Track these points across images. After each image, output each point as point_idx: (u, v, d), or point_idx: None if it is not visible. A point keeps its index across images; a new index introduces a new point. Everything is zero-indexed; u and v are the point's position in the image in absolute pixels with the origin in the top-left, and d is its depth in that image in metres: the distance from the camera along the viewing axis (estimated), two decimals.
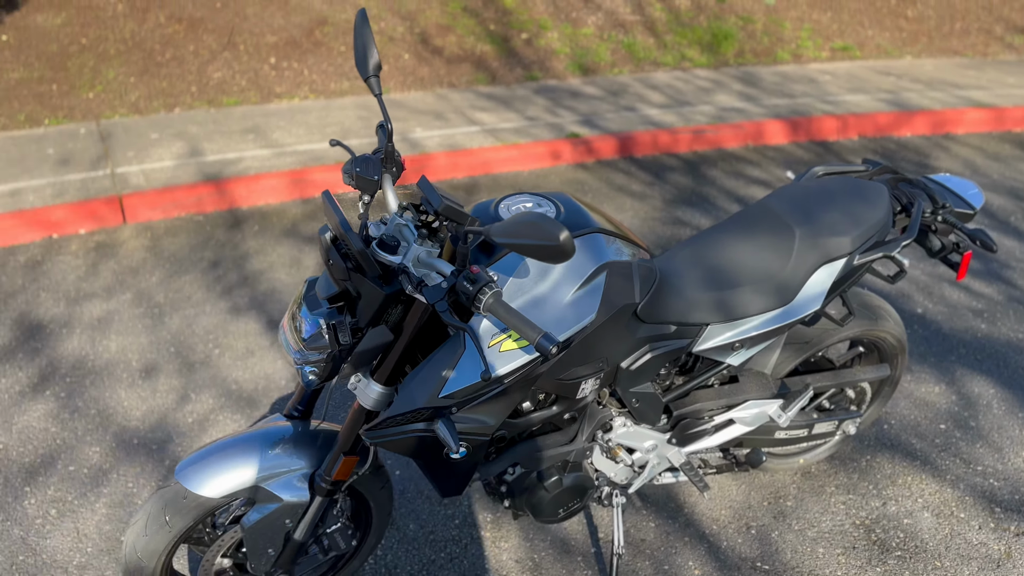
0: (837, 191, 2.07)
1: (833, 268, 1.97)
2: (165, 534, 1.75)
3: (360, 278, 1.51)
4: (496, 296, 1.38)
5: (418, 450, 1.68)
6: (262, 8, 7.84)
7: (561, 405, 1.84)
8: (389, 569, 2.27)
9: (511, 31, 7.95)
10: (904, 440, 2.71)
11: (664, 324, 1.85)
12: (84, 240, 4.31)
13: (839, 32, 8.18)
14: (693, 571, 2.24)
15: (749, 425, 2.12)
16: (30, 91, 6.54)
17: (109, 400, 2.95)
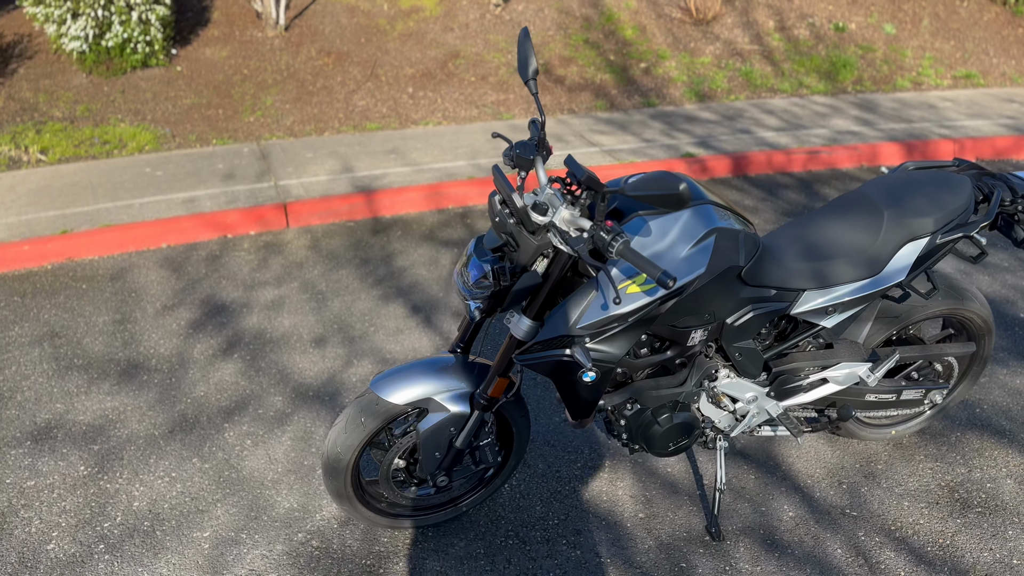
0: (924, 181, 2.35)
1: (917, 245, 2.25)
2: (360, 432, 2.21)
3: (520, 231, 1.93)
4: (625, 243, 1.76)
5: (557, 372, 2.08)
6: (401, 43, 8.56)
7: (674, 351, 2.19)
8: (523, 494, 2.65)
9: (630, 61, 8.36)
10: (995, 421, 2.89)
11: (765, 288, 2.18)
12: (254, 239, 4.96)
13: (962, 60, 8.18)
14: (787, 513, 2.51)
15: (840, 384, 2.41)
16: (200, 115, 7.41)
17: (286, 363, 3.48)
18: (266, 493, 2.72)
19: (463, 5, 9.05)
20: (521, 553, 2.44)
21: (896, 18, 8.71)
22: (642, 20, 8.89)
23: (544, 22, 8.84)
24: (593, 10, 9.02)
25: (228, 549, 2.49)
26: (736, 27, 8.72)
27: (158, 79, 7.79)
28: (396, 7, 9.01)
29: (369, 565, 2.42)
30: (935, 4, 8.83)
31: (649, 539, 2.47)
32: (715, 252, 2.02)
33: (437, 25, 8.78)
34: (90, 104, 7.47)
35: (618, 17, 8.92)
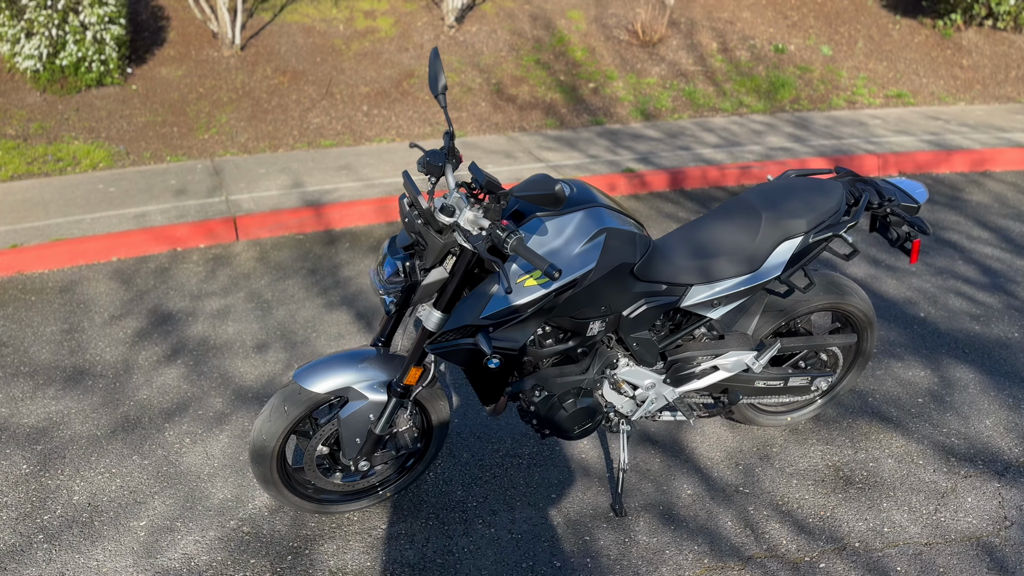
0: (800, 186, 2.59)
1: (792, 244, 2.50)
2: (283, 420, 2.38)
3: (427, 230, 2.13)
4: (519, 240, 1.97)
5: (465, 360, 2.27)
6: (357, 63, 8.76)
7: (575, 341, 2.40)
8: (445, 480, 2.83)
9: (579, 81, 8.64)
10: (884, 409, 3.14)
11: (657, 283, 2.40)
12: (204, 252, 5.09)
13: (894, 80, 8.58)
14: (687, 491, 2.72)
15: (730, 371, 2.63)
16: (155, 133, 7.53)
17: (228, 367, 3.63)
18: (202, 486, 2.86)
19: (418, 26, 9.28)
20: (440, 533, 2.61)
21: (833, 40, 9.10)
22: (591, 42, 9.18)
23: (497, 43, 9.10)
24: (544, 32, 9.31)
25: (163, 536, 2.63)
26: (681, 49, 9.05)
27: (113, 97, 7.89)
28: (352, 27, 9.22)
29: (296, 547, 2.58)
30: (869, 27, 9.25)
31: (559, 516, 2.66)
32: (605, 249, 2.23)
33: (392, 45, 9.00)
34: (44, 122, 7.55)
35: (568, 39, 9.21)
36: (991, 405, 3.15)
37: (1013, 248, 4.64)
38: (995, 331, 3.71)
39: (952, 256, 4.57)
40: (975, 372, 3.38)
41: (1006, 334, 3.68)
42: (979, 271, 4.35)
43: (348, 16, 9.38)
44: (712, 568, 2.44)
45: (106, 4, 7.47)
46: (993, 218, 5.16)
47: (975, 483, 2.72)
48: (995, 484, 2.71)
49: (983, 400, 3.18)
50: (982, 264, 4.44)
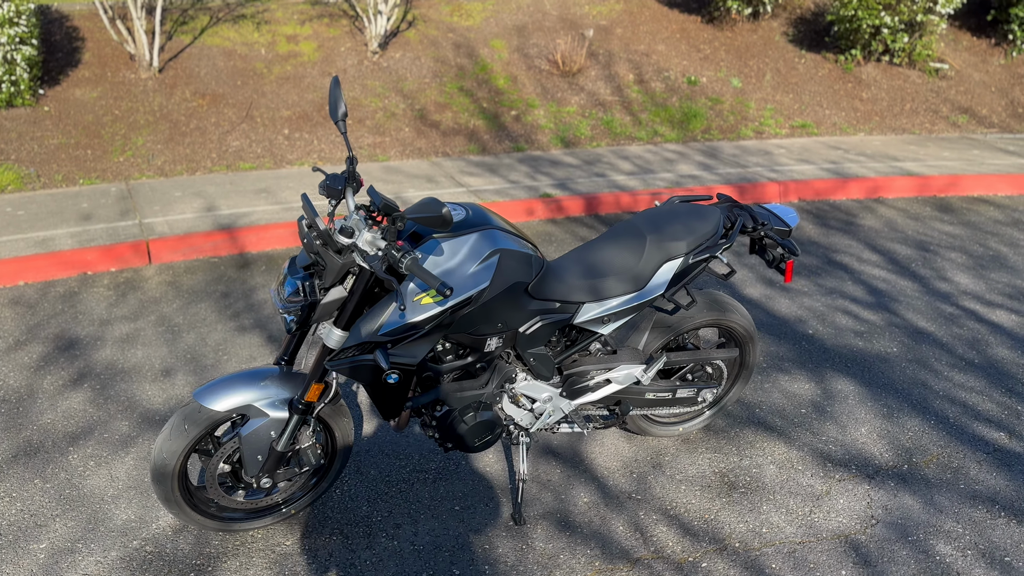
0: (681, 211, 2.79)
1: (674, 264, 2.68)
2: (183, 439, 2.41)
3: (326, 251, 2.22)
4: (413, 260, 2.08)
5: (364, 376, 2.35)
6: (278, 86, 8.77)
7: (473, 356, 2.51)
8: (351, 497, 2.90)
9: (502, 108, 8.84)
10: (769, 419, 3.35)
11: (550, 301, 2.54)
12: (114, 276, 5.04)
13: (799, 111, 9.04)
14: (583, 499, 2.85)
15: (621, 384, 2.79)
16: (67, 155, 7.40)
17: (135, 391, 3.61)
18: (105, 507, 2.85)
19: (341, 51, 9.36)
20: (343, 547, 2.67)
21: (742, 73, 9.54)
22: (513, 71, 9.41)
23: (420, 69, 9.23)
24: (467, 60, 9.50)
25: (63, 557, 2.62)
26: (599, 79, 9.36)
27: (24, 119, 7.72)
28: (274, 51, 9.23)
29: (199, 565, 2.60)
30: (777, 60, 9.73)
31: (461, 527, 2.75)
32: (499, 269, 2.35)
33: (315, 70, 9.04)
34: None
35: (491, 67, 9.41)
36: (867, 414, 3.38)
37: (898, 270, 4.96)
38: (876, 346, 3.98)
39: (842, 277, 4.86)
40: (855, 384, 3.62)
41: (886, 349, 3.95)
42: (866, 291, 4.64)
43: (270, 40, 9.40)
44: (602, 570, 2.57)
45: (17, 24, 7.34)
46: (882, 242, 5.50)
47: (848, 486, 2.92)
48: (865, 487, 2.92)
49: (860, 410, 3.41)
50: (869, 284, 4.74)
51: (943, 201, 6.53)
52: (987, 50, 10.03)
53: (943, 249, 5.34)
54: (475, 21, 10.21)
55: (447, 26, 10.01)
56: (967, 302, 4.49)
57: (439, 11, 10.34)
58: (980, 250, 5.33)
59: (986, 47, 10.07)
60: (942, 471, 3.01)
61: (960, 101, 9.32)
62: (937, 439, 3.21)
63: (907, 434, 3.25)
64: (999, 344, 4.00)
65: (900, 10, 8.77)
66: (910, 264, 5.06)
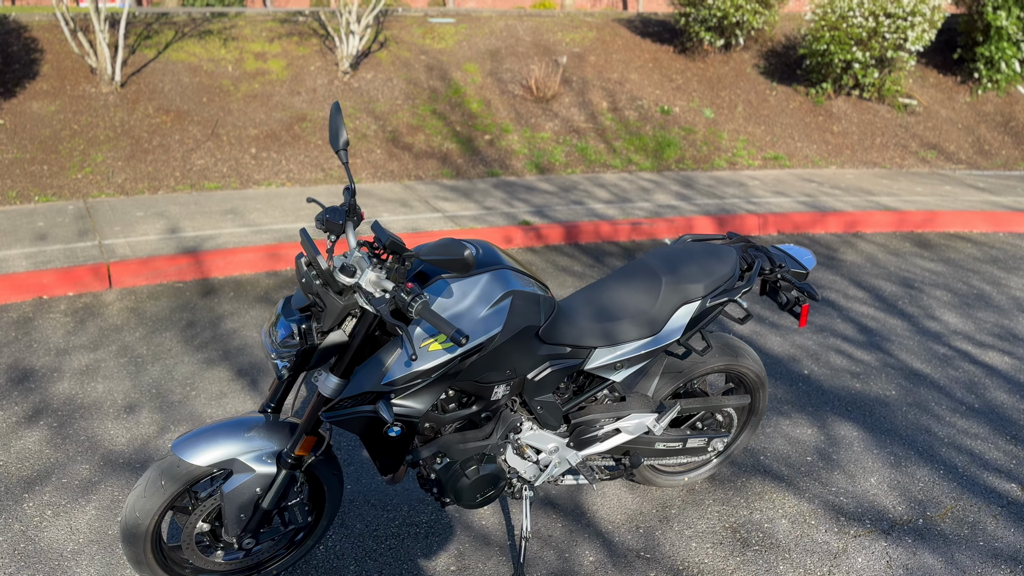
0: (696, 251, 2.64)
1: (691, 308, 2.52)
2: (160, 496, 2.16)
3: (326, 291, 2.01)
4: (424, 303, 1.89)
5: (363, 428, 2.14)
6: (246, 104, 8.51)
7: (479, 405, 2.32)
8: (337, 555, 2.66)
9: (475, 132, 8.69)
10: (775, 468, 3.20)
11: (561, 345, 2.36)
12: (72, 301, 4.73)
13: (771, 143, 9.06)
14: (588, 558, 2.66)
15: (631, 433, 2.62)
16: (23, 171, 7.04)
17: (97, 430, 3.34)
18: (65, 564, 2.58)
19: (311, 71, 9.14)
20: None
21: (715, 104, 9.55)
22: (487, 95, 9.29)
23: (392, 91, 9.06)
24: (440, 82, 9.35)
25: None
26: (573, 106, 9.28)
27: None
28: (241, 69, 8.98)
29: None
30: (748, 92, 9.77)
31: None
32: (511, 313, 2.17)
33: (284, 88, 8.81)
34: None
35: (464, 91, 9.28)
36: (874, 463, 3.25)
37: (886, 307, 4.90)
38: (874, 388, 3.87)
39: (831, 314, 4.78)
40: (858, 430, 3.50)
41: (884, 391, 3.85)
42: (856, 329, 4.56)
43: (238, 57, 9.15)
44: None
45: None
46: (867, 278, 5.45)
47: (864, 543, 2.78)
48: (882, 543, 2.79)
49: (867, 458, 3.29)
50: (859, 323, 4.66)
51: (921, 237, 6.54)
52: (953, 87, 10.21)
53: (927, 287, 5.30)
54: (448, 44, 10.09)
55: (419, 48, 9.87)
56: (959, 343, 4.43)
57: (411, 33, 10.19)
58: (964, 288, 5.30)
59: (952, 84, 10.24)
60: (958, 526, 2.89)
61: (928, 137, 9.44)
62: (948, 491, 3.10)
63: (918, 484, 3.13)
64: (997, 388, 3.93)
65: (871, 46, 8.87)
66: (896, 301, 5.00)
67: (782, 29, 10.80)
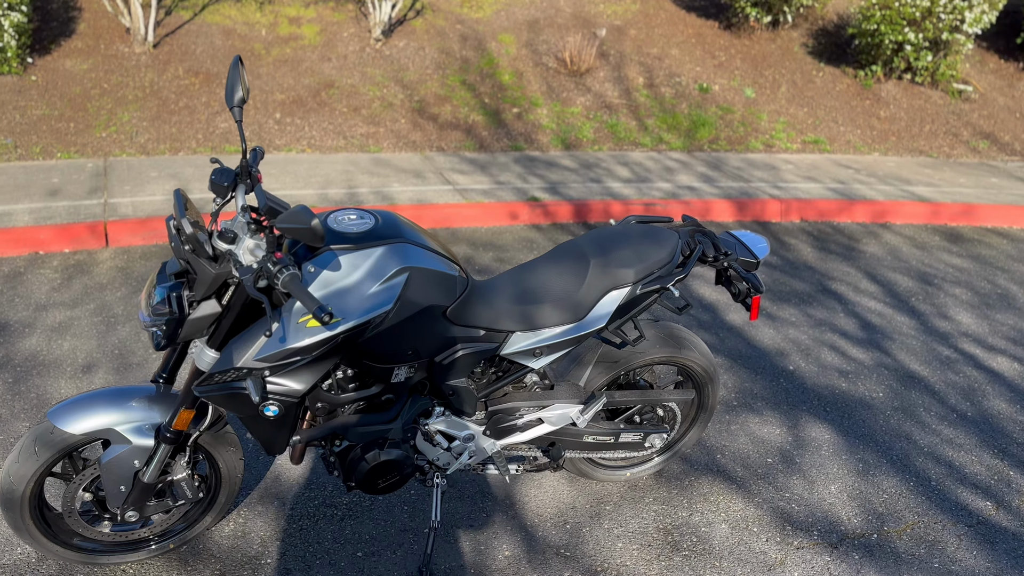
0: (634, 234, 2.45)
1: (619, 294, 2.34)
2: (33, 462, 2.11)
3: (195, 258, 1.91)
4: (292, 276, 1.77)
5: (236, 406, 2.04)
6: (275, 69, 8.50)
7: (377, 387, 2.19)
8: (244, 532, 2.59)
9: (503, 105, 8.52)
10: (730, 468, 3.01)
11: (474, 328, 2.22)
12: (66, 258, 4.77)
13: (813, 126, 8.66)
14: (504, 552, 2.54)
15: (554, 424, 2.46)
16: (49, 127, 7.15)
17: (49, 388, 3.34)
18: None
19: (343, 36, 9.07)
20: None
21: (757, 83, 9.17)
22: (520, 66, 9.09)
23: (423, 60, 8.93)
24: (474, 52, 9.18)
25: None
26: (607, 81, 9.01)
27: (9, 87, 7.49)
28: (274, 33, 8.96)
29: None
30: (793, 72, 9.35)
31: None
32: (407, 290, 2.04)
33: (315, 54, 8.76)
34: None
35: (497, 61, 9.09)
36: (840, 470, 3.04)
37: (896, 303, 4.61)
38: (860, 389, 3.64)
39: (834, 308, 4.52)
40: (831, 432, 3.28)
41: (871, 393, 3.61)
42: (858, 325, 4.30)
43: (272, 21, 9.12)
44: None
45: None
46: (883, 271, 5.15)
47: (806, 555, 2.59)
48: (825, 558, 2.59)
49: (833, 464, 3.08)
50: (862, 318, 4.39)
51: (954, 230, 6.15)
52: (1014, 74, 9.59)
53: (947, 283, 4.98)
54: (485, 13, 9.89)
55: (456, 17, 9.70)
56: (966, 345, 4.13)
57: (449, 1, 10.02)
58: (987, 287, 4.96)
59: (1014, 71, 9.63)
60: (915, 544, 2.68)
61: (982, 125, 8.90)
62: (914, 504, 2.87)
63: (881, 496, 2.91)
64: (996, 395, 3.65)
65: (925, 27, 8.36)
66: (910, 298, 4.70)
67: (834, 7, 10.29)
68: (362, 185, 6.27)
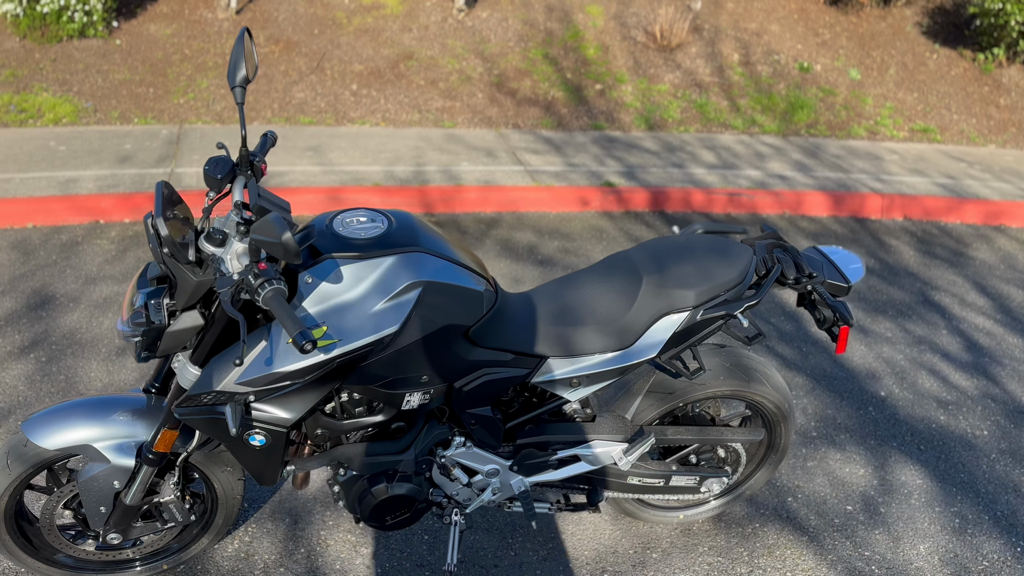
0: (699, 247, 2.08)
1: (675, 319, 1.99)
2: (5, 477, 1.93)
3: (174, 263, 1.66)
4: (276, 292, 1.50)
5: (222, 433, 1.80)
6: (355, 39, 8.32)
7: (386, 414, 1.92)
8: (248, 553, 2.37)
9: (586, 81, 8.12)
10: (802, 515, 2.63)
11: (501, 351, 1.91)
12: (124, 228, 4.69)
13: (922, 113, 7.95)
14: None
15: (592, 464, 2.14)
16: (129, 92, 7.16)
17: (80, 371, 3.22)
18: None
19: (426, 7, 8.82)
20: None
21: (863, 64, 8.47)
22: (606, 40, 8.65)
23: (506, 32, 8.61)
24: (559, 24, 8.79)
25: None
26: (699, 57, 8.49)
27: (94, 51, 7.54)
28: (357, 1, 8.78)
29: None
30: (904, 54, 8.60)
31: None
32: (418, 308, 1.75)
33: (396, 24, 8.54)
34: (17, 70, 7.21)
35: (583, 34, 8.68)
36: (932, 525, 2.63)
37: (1009, 321, 4.07)
38: (962, 424, 3.18)
39: (936, 324, 4.02)
40: (925, 477, 2.86)
41: (974, 429, 3.15)
42: (963, 346, 3.80)
43: None
44: None
45: None
46: (996, 282, 4.58)
47: None
48: None
49: (924, 517, 2.66)
50: (969, 338, 3.89)
51: None
52: None
53: None
54: None
55: None
56: None
57: None
58: None
59: None
60: None
61: None
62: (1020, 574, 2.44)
63: (981, 563, 2.49)
64: None
65: None
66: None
67: None
68: (430, 163, 6.02)
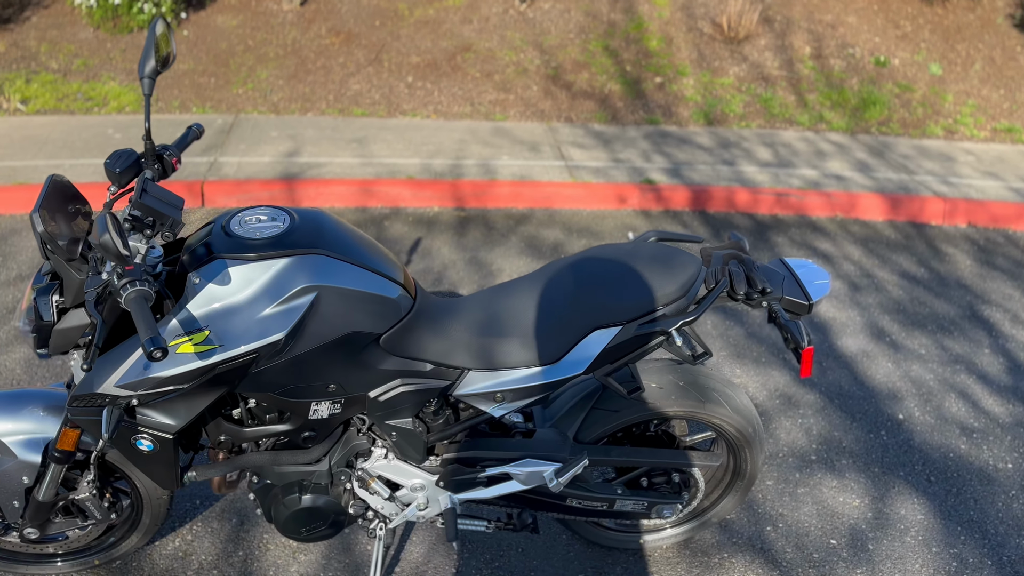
0: (643, 257, 1.92)
1: (606, 334, 1.84)
2: None
3: (58, 260, 1.63)
4: (138, 294, 1.45)
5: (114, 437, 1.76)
6: (415, 30, 8.32)
7: (293, 423, 1.85)
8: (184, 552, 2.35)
9: (646, 74, 7.89)
10: (778, 546, 2.43)
11: (418, 360, 1.82)
12: None
13: (1008, 112, 7.39)
14: None
15: (524, 484, 2.01)
16: (191, 82, 7.36)
17: None
18: None
19: None
20: None
21: (946, 58, 7.94)
22: (670, 31, 8.39)
23: (567, 23, 8.45)
24: (622, 15, 8.58)
25: None
26: (768, 49, 8.13)
27: None
28: None
29: None
30: (993, 48, 8.02)
31: None
32: (311, 314, 1.67)
33: (457, 16, 8.51)
34: (88, 59, 7.51)
35: (646, 26, 8.44)
36: (924, 567, 2.39)
37: None
38: (984, 455, 2.90)
39: (980, 342, 3.70)
40: (928, 512, 2.61)
41: (997, 462, 2.86)
42: (1006, 368, 3.48)
43: None
44: None
45: None
46: None
47: None
48: None
49: (917, 557, 2.42)
50: (1015, 359, 3.56)
51: None
52: None
53: None
54: None
55: None
56: None
57: None
58: None
59: None
60: None
61: None
62: None
63: None
64: None
65: None
66: None
67: None
68: (470, 156, 5.95)
